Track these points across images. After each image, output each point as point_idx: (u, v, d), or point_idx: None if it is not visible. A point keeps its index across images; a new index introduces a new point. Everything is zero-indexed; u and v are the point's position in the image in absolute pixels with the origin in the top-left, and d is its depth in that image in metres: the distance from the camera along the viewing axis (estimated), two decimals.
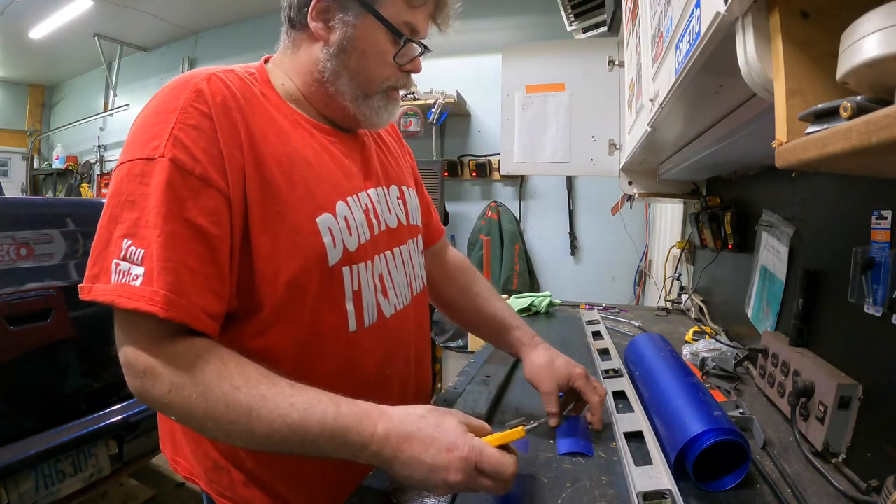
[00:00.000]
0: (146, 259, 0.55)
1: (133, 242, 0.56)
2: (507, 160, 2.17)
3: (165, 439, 0.80)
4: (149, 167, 0.57)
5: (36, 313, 1.40)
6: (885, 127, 0.29)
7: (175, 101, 0.60)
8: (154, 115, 0.61)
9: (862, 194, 0.72)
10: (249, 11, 4.72)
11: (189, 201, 0.58)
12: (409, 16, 0.70)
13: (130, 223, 0.57)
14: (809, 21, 0.43)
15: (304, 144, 0.70)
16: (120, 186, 0.59)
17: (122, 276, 0.56)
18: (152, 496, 2.22)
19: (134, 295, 0.55)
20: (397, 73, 0.74)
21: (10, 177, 6.52)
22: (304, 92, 0.74)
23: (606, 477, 0.68)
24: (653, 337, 1.06)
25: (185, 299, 0.56)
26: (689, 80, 0.68)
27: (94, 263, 0.58)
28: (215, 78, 0.64)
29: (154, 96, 0.64)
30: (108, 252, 0.57)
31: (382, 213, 0.78)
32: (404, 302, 0.81)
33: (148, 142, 0.59)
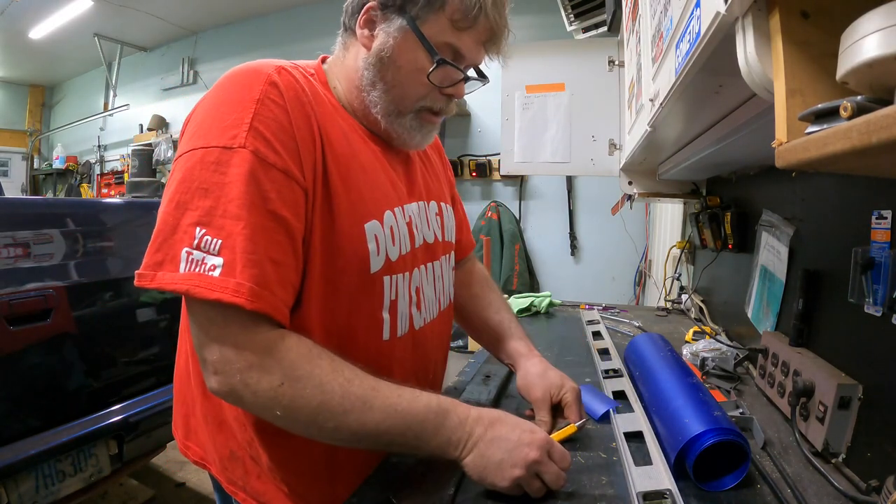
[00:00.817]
0: (225, 249, 0.54)
1: (208, 231, 0.55)
2: (507, 160, 2.17)
3: (178, 422, 0.80)
4: (226, 156, 0.56)
5: (36, 313, 1.39)
6: (885, 127, 0.29)
7: (250, 91, 0.59)
8: (228, 104, 0.59)
9: (862, 194, 0.72)
10: (249, 11, 4.72)
11: (272, 193, 0.57)
12: (453, 38, 0.67)
13: (204, 211, 0.55)
14: (809, 21, 0.43)
15: (360, 150, 0.70)
16: (190, 173, 0.57)
17: (195, 266, 0.54)
18: (152, 496, 2.22)
19: (214, 286, 0.54)
20: (435, 95, 0.71)
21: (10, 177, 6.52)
22: (348, 98, 0.73)
23: (606, 477, 0.68)
24: (653, 337, 1.06)
25: (268, 291, 0.56)
26: (689, 80, 0.68)
27: (158, 250, 0.57)
28: (285, 71, 0.63)
29: (220, 85, 0.63)
30: (176, 239, 0.56)
31: (422, 227, 0.79)
32: (432, 316, 0.82)
33: (224, 130, 0.57)
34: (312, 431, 0.59)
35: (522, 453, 0.60)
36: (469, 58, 0.70)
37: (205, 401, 0.72)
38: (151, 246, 0.58)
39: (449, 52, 0.68)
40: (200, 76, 5.18)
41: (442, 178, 0.93)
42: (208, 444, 0.74)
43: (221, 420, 0.71)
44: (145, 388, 1.68)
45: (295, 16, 4.59)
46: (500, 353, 0.95)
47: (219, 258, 0.54)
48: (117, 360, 1.64)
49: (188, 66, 5.22)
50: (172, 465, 2.52)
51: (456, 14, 0.66)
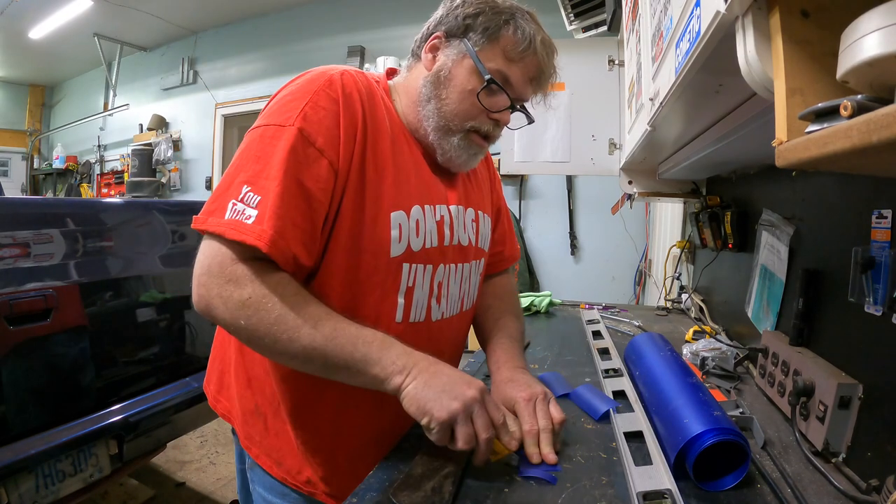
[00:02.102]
0: (261, 204, 0.64)
1: (252, 189, 0.64)
2: (507, 159, 2.17)
3: (212, 378, 0.90)
4: (279, 132, 0.67)
5: (36, 313, 1.39)
6: (886, 126, 0.29)
7: (311, 86, 0.69)
8: (291, 94, 0.70)
9: (862, 194, 0.72)
10: (249, 11, 4.72)
11: (304, 166, 0.66)
12: (504, 66, 0.76)
13: (253, 173, 0.65)
14: (809, 20, 0.43)
15: (401, 152, 0.77)
16: (252, 144, 0.68)
17: (236, 214, 0.64)
18: (152, 496, 2.22)
19: (245, 229, 0.63)
20: (484, 117, 0.78)
21: (10, 177, 6.52)
22: (405, 112, 0.81)
23: (606, 477, 0.68)
24: (653, 336, 1.06)
25: (284, 242, 0.64)
26: (689, 79, 0.68)
27: (214, 201, 0.66)
28: (348, 73, 0.73)
29: (296, 79, 0.73)
30: (228, 193, 0.65)
31: (457, 229, 0.84)
32: (452, 312, 0.86)
33: (283, 113, 0.68)
34: (269, 344, 0.64)
35: (462, 390, 0.64)
36: (517, 88, 0.78)
37: (240, 358, 0.81)
38: (211, 198, 0.68)
39: (499, 79, 0.76)
40: (200, 76, 5.18)
41: (485, 190, 0.98)
42: (235, 399, 0.82)
43: (251, 376, 0.79)
44: (145, 388, 1.68)
45: (295, 16, 4.59)
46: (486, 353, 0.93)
47: (255, 210, 0.64)
48: (117, 360, 1.64)
49: (188, 66, 5.23)
50: (172, 465, 2.52)
51: (509, 45, 0.75)
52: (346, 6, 4.32)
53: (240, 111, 4.92)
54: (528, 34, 0.75)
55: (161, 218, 1.83)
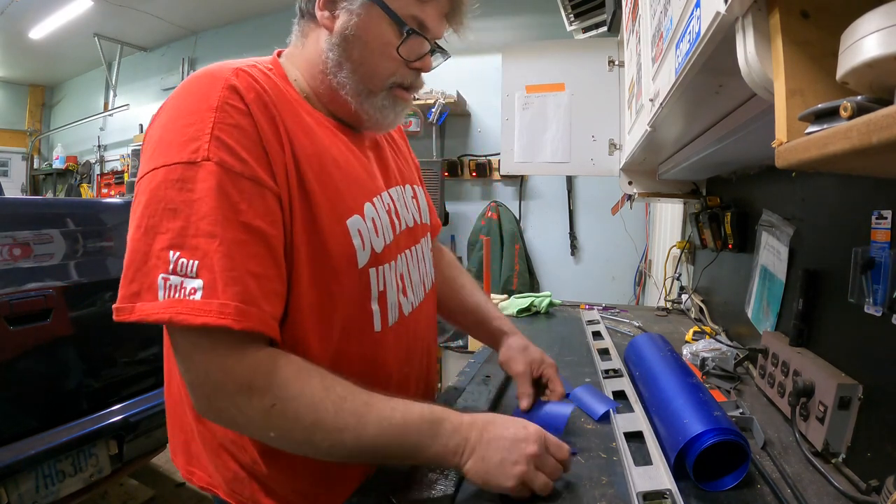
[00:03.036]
0: (203, 270, 0.52)
1: (182, 254, 0.52)
2: (507, 160, 2.17)
3: (177, 449, 0.77)
4: (190, 171, 0.53)
5: (36, 313, 1.40)
6: (886, 127, 0.29)
7: (207, 99, 0.56)
8: (186, 116, 0.56)
9: (862, 194, 0.72)
10: (249, 11, 4.72)
11: (242, 204, 0.55)
12: (417, 10, 0.67)
13: (175, 233, 0.53)
14: (809, 21, 0.43)
15: (330, 144, 0.67)
16: (155, 194, 0.54)
17: (174, 292, 0.52)
18: (152, 496, 2.22)
19: (197, 310, 0.51)
20: (404, 70, 0.70)
21: (10, 177, 6.52)
22: (311, 86, 0.71)
23: (606, 477, 0.68)
24: (653, 337, 1.06)
25: (255, 307, 0.54)
26: (689, 80, 0.68)
27: (132, 280, 0.54)
28: (242, 73, 0.60)
29: (175, 95, 0.59)
30: (149, 267, 0.53)
31: (402, 212, 0.79)
32: (419, 299, 0.81)
33: (184, 145, 0.54)
34: (307, 450, 0.58)
35: (521, 448, 0.60)
36: (433, 30, 0.70)
37: (200, 426, 0.70)
38: (125, 277, 0.55)
39: (416, 25, 0.67)
40: None
41: (410, 162, 0.92)
42: (211, 468, 0.71)
43: (219, 444, 0.69)
44: (145, 388, 1.68)
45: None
46: (480, 334, 0.98)
47: (198, 280, 0.52)
48: (117, 360, 1.64)
49: (188, 66, 5.22)
50: (172, 465, 2.52)
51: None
52: None
53: None
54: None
55: None
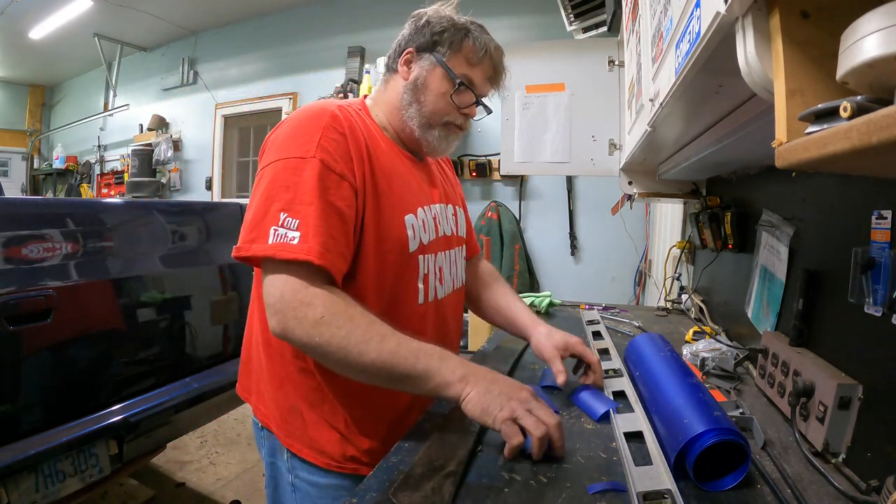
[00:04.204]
0: (301, 226, 0.73)
1: (289, 214, 0.74)
2: (507, 160, 2.17)
3: (250, 388, 0.97)
4: (302, 164, 0.77)
5: (36, 313, 1.39)
6: (886, 127, 0.29)
7: (319, 121, 0.81)
8: (301, 129, 0.81)
9: (862, 194, 0.72)
10: (249, 11, 4.72)
11: (332, 189, 0.77)
12: (468, 70, 0.93)
13: (286, 201, 0.75)
14: (809, 21, 0.43)
15: (398, 164, 0.93)
16: (277, 176, 0.77)
17: (279, 238, 0.73)
18: (152, 496, 2.22)
19: (293, 249, 0.72)
20: (456, 113, 0.95)
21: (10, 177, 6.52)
22: (389, 121, 0.96)
23: (606, 477, 0.68)
24: (653, 337, 1.06)
25: (330, 254, 0.75)
26: (689, 80, 0.68)
27: (252, 230, 0.75)
28: (343, 109, 0.86)
29: (296, 116, 0.84)
30: (266, 221, 0.74)
31: (443, 222, 1.00)
32: (448, 291, 1.02)
33: (300, 147, 0.78)
34: (341, 358, 0.73)
35: (516, 392, 0.74)
36: (479, 87, 0.96)
37: (270, 363, 0.89)
38: (246, 227, 0.76)
39: (465, 81, 0.93)
40: (200, 76, 5.17)
41: (456, 189, 1.16)
42: (271, 403, 0.90)
43: (284, 377, 0.88)
44: (145, 388, 1.68)
45: (295, 16, 4.59)
46: (515, 330, 1.14)
47: (297, 232, 0.73)
48: (117, 360, 1.64)
49: (188, 66, 5.22)
50: (172, 465, 2.52)
51: (469, 53, 0.93)
52: (346, 6, 4.32)
53: (240, 111, 4.91)
54: (483, 43, 0.93)
55: (161, 218, 1.84)
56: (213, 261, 1.98)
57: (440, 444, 0.75)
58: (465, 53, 0.93)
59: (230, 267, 2.04)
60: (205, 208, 2.10)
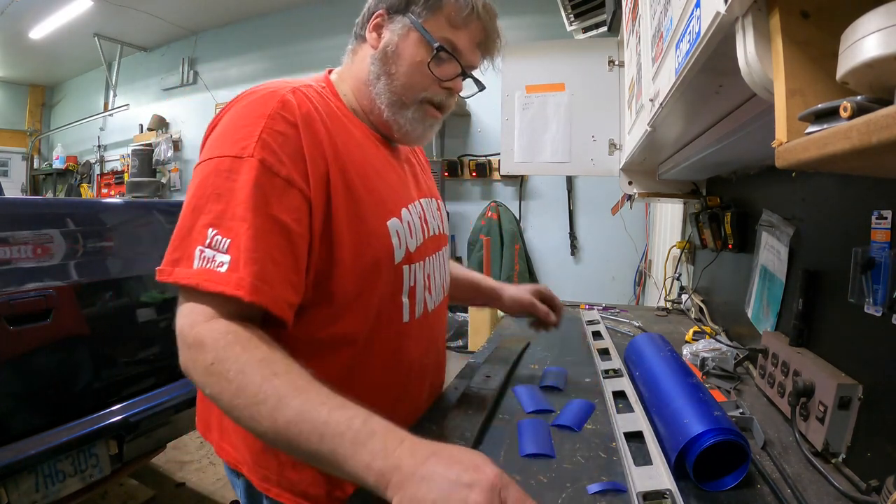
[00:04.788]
0: (232, 248, 0.59)
1: (219, 232, 0.60)
2: (507, 160, 2.17)
3: (212, 424, 0.81)
4: (236, 164, 0.62)
5: (36, 313, 1.39)
6: (886, 127, 0.29)
7: (262, 108, 0.65)
8: (241, 119, 0.65)
9: (862, 194, 0.72)
10: (249, 11, 4.72)
11: (274, 199, 0.62)
12: (449, 34, 0.76)
13: (216, 214, 0.60)
14: (809, 21, 0.43)
15: (373, 156, 0.77)
16: (206, 180, 0.62)
17: (206, 262, 0.59)
18: (152, 496, 2.22)
19: (220, 279, 0.58)
20: (435, 87, 0.77)
21: (10, 177, 6.52)
22: (357, 98, 0.80)
23: (607, 477, 0.68)
24: (653, 337, 1.06)
25: (268, 286, 0.60)
26: (689, 80, 0.68)
27: (176, 249, 0.61)
28: (299, 92, 0.69)
29: (237, 102, 0.68)
30: (191, 239, 0.60)
31: (430, 220, 0.87)
32: (439, 299, 0.90)
33: (236, 142, 0.63)
34: (234, 416, 0.56)
35: (461, 495, 0.45)
36: (466, 55, 0.78)
37: None
38: (171, 245, 0.62)
39: (447, 46, 0.76)
40: (200, 76, 5.17)
41: (430, 175, 1.01)
42: (240, 443, 0.75)
43: None
44: (145, 388, 1.68)
45: (295, 16, 4.59)
46: (480, 298, 1.15)
47: (226, 255, 0.59)
48: (117, 360, 1.64)
49: (188, 66, 5.22)
50: (172, 465, 2.52)
51: (452, 12, 0.75)
52: (346, 6, 4.32)
53: None
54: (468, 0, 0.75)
55: (161, 218, 1.83)
56: None
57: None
58: (447, 13, 0.75)
59: None
60: None
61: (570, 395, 0.98)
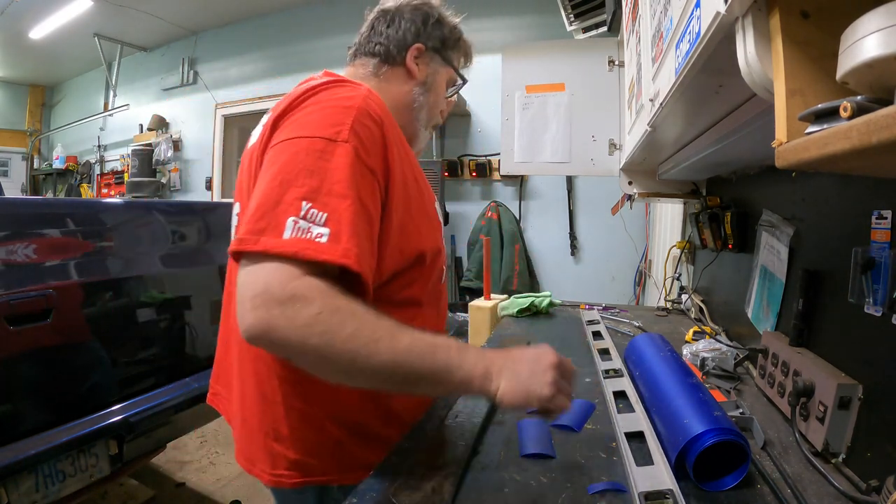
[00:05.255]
0: (331, 222, 0.61)
1: (314, 206, 0.62)
2: (507, 160, 2.17)
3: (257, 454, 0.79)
4: (330, 147, 0.65)
5: (36, 313, 1.39)
6: (886, 127, 0.29)
7: (351, 101, 0.70)
8: (331, 106, 0.70)
9: (862, 194, 0.72)
10: (249, 11, 4.72)
11: (363, 184, 0.66)
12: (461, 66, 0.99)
13: (310, 188, 0.62)
14: (809, 21, 0.43)
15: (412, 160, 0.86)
16: (296, 157, 0.65)
17: (300, 233, 0.60)
18: (152, 496, 2.22)
19: (323, 249, 0.60)
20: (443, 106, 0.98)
21: (10, 177, 6.52)
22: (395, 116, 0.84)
23: (607, 477, 0.68)
24: (653, 337, 1.06)
25: (366, 260, 0.64)
26: (689, 80, 0.68)
27: (261, 219, 0.61)
28: (373, 94, 0.75)
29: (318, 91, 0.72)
30: (280, 210, 0.61)
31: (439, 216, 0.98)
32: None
33: (328, 126, 0.67)
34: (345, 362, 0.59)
35: (545, 360, 0.67)
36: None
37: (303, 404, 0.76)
38: (253, 216, 0.62)
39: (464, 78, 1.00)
40: (200, 76, 5.17)
41: None
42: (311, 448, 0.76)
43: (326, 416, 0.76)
44: (145, 388, 1.68)
45: (295, 16, 4.59)
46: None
47: (324, 228, 0.61)
48: (117, 360, 1.64)
49: (188, 66, 5.22)
50: (172, 465, 2.52)
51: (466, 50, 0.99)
52: (346, 6, 4.32)
53: (240, 111, 4.91)
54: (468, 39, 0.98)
55: (161, 218, 1.83)
56: (213, 261, 1.98)
57: (440, 444, 0.75)
58: (464, 50, 0.98)
59: None
60: (205, 208, 2.10)
61: None
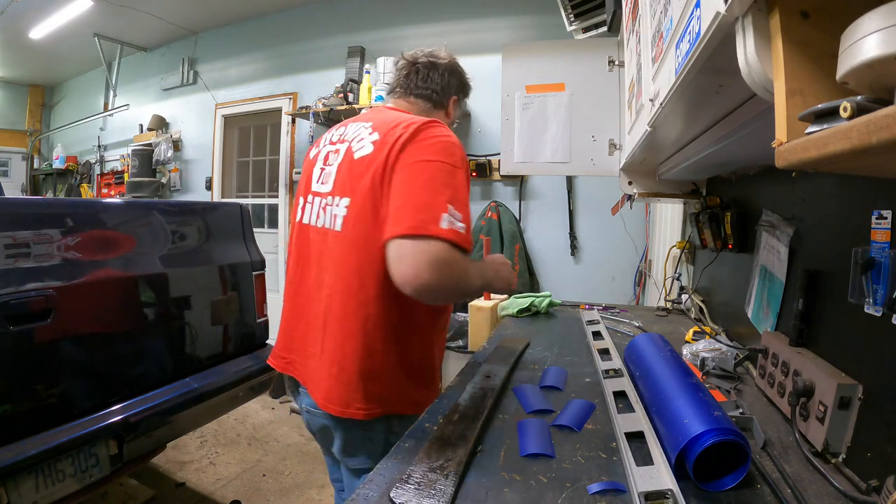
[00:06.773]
0: (464, 220, 0.92)
1: (454, 206, 0.91)
2: (507, 160, 2.17)
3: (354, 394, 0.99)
4: (456, 171, 0.96)
5: (36, 313, 1.39)
6: (886, 127, 0.29)
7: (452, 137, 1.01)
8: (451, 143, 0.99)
9: (862, 194, 0.72)
10: (249, 11, 4.72)
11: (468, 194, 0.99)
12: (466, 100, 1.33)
13: (450, 196, 0.91)
14: (809, 21, 0.43)
15: None
16: (438, 172, 0.94)
17: (451, 224, 0.89)
18: (152, 496, 2.22)
19: (464, 238, 0.91)
20: None
21: (10, 177, 6.52)
22: None
23: (607, 477, 0.68)
24: (653, 337, 1.06)
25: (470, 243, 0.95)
26: (689, 80, 0.68)
27: (421, 212, 0.89)
28: None
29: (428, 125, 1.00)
30: (436, 206, 0.89)
31: None
32: None
33: (452, 156, 0.97)
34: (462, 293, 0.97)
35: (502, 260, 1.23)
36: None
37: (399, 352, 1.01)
38: (413, 209, 0.90)
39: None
40: (200, 76, 5.17)
41: None
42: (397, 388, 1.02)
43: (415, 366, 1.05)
44: (145, 388, 1.68)
45: (295, 16, 4.59)
46: None
47: (461, 224, 0.91)
48: (117, 360, 1.64)
49: (188, 66, 5.22)
50: (172, 465, 2.52)
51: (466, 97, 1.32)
52: (346, 6, 4.32)
53: (240, 112, 4.91)
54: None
55: (161, 218, 1.83)
56: (213, 261, 1.98)
57: (440, 444, 0.75)
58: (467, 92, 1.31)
59: (230, 267, 2.04)
60: (205, 208, 2.10)
61: (570, 395, 0.98)
